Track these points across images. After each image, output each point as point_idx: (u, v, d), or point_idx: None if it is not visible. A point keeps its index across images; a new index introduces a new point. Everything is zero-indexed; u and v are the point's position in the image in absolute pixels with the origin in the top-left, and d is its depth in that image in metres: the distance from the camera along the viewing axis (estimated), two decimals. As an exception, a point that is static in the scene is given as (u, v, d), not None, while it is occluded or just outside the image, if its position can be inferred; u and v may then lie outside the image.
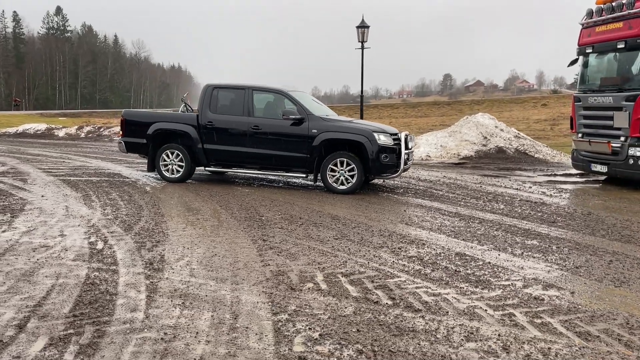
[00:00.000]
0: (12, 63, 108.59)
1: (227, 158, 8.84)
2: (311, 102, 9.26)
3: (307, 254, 4.72)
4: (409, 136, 8.61)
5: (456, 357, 2.84)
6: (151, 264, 4.34)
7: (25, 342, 2.92)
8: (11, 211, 6.22)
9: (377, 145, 8.03)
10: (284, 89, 9.01)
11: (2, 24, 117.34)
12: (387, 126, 9.28)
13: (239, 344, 2.95)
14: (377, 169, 8.15)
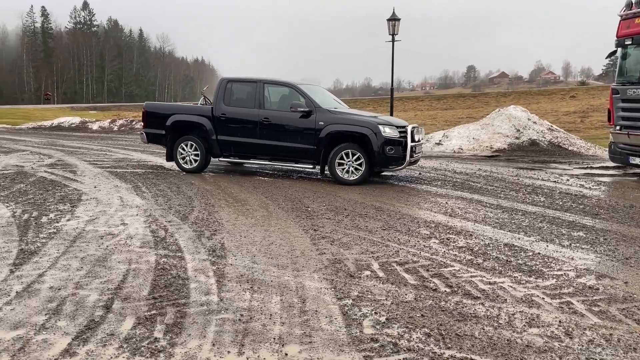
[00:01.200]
0: (41, 57, 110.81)
1: (239, 149, 9.15)
2: (322, 95, 9.48)
3: (359, 244, 4.89)
4: (417, 128, 8.79)
5: (521, 341, 2.98)
6: (214, 251, 4.56)
7: (114, 321, 3.15)
8: (70, 201, 6.52)
9: (382, 137, 8.19)
10: (294, 82, 9.20)
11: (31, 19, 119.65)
12: (395, 119, 9.40)
13: (312, 326, 3.14)
14: (382, 161, 8.31)
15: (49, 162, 10.55)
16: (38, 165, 9.91)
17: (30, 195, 6.91)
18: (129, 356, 2.73)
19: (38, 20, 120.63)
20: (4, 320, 3.10)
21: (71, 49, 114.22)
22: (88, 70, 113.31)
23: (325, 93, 10.03)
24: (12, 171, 9.10)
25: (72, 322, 3.11)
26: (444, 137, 14.46)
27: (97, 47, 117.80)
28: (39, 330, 2.99)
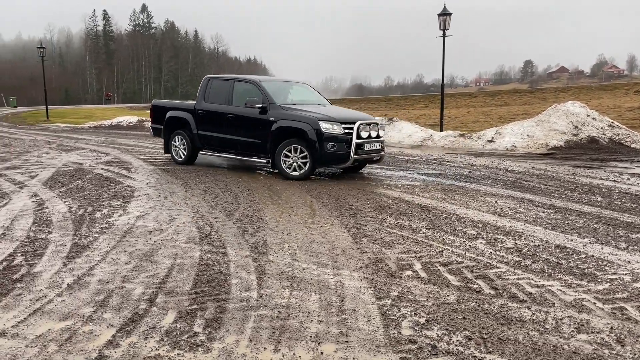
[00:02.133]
0: (103, 59, 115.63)
1: (212, 143, 9.75)
2: (298, 93, 9.83)
3: (402, 243, 4.81)
4: (371, 125, 8.61)
5: (568, 347, 2.84)
6: (256, 247, 4.60)
7: (157, 314, 3.23)
8: (123, 197, 6.76)
9: (321, 133, 8.19)
10: (257, 79, 9.55)
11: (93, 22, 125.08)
12: (357, 114, 9.06)
13: (349, 325, 3.11)
14: (323, 157, 8.31)
15: (106, 159, 11.00)
16: (95, 163, 10.35)
17: (86, 191, 7.21)
18: (169, 349, 2.79)
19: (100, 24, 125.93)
20: (55, 311, 3.24)
21: (131, 50, 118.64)
22: (146, 71, 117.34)
23: (306, 91, 10.23)
24: (71, 168, 9.54)
25: (118, 314, 3.22)
26: (496, 135, 14.04)
27: (155, 49, 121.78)
28: (86, 322, 3.11)
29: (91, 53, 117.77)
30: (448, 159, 11.48)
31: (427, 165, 10.42)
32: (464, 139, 14.54)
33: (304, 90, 10.25)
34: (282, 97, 9.35)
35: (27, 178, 8.37)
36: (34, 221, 5.48)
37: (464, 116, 26.96)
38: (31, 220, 5.54)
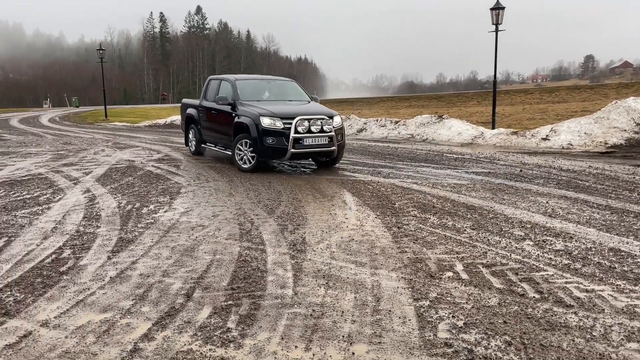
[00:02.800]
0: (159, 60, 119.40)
1: (208, 137, 10.79)
2: (276, 90, 10.43)
3: (444, 243, 4.68)
4: (312, 121, 8.77)
5: (616, 356, 2.67)
6: (294, 245, 4.59)
7: (193, 309, 3.27)
8: (170, 194, 6.93)
9: (261, 127, 8.66)
10: (231, 78, 10.25)
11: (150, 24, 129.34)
12: (303, 110, 9.18)
13: (383, 326, 3.04)
14: (263, 151, 8.74)
15: (157, 157, 11.32)
16: (147, 160, 10.67)
17: (136, 187, 7.44)
18: (201, 344, 2.81)
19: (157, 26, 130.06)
20: (96, 304, 3.34)
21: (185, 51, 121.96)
22: (200, 71, 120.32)
23: (288, 89, 10.71)
24: (123, 165, 9.88)
25: (155, 308, 3.28)
26: (551, 132, 13.49)
27: (209, 49, 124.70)
28: (124, 314, 3.18)
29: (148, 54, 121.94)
30: (499, 157, 11.13)
31: (476, 163, 10.13)
32: (516, 136, 14.06)
33: (286, 88, 10.75)
34: (255, 94, 9.96)
35: (81, 174, 8.72)
36: (84, 216, 5.69)
37: (519, 113, 26.09)
38: (82, 215, 5.75)
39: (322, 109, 9.40)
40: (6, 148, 14.45)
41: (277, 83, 10.93)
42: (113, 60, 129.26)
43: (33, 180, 8.13)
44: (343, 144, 9.51)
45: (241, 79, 10.40)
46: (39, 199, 6.65)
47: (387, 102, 50.17)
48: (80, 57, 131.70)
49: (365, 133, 18.89)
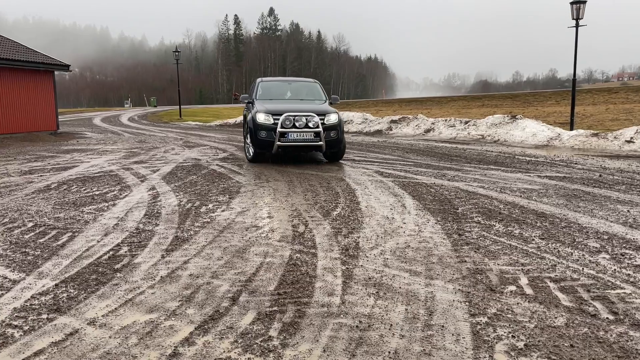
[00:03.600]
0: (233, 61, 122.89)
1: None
2: (295, 90, 11.47)
3: (509, 254, 4.35)
4: (296, 117, 9.59)
5: None
6: (347, 250, 4.44)
7: (237, 314, 3.19)
8: (229, 193, 6.97)
9: (256, 122, 9.71)
10: (258, 80, 11.66)
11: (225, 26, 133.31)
12: (293, 107, 9.98)
13: (434, 343, 2.82)
14: (257, 143, 9.83)
15: (222, 156, 11.52)
16: (212, 159, 10.87)
17: (198, 186, 7.56)
18: (241, 352, 2.72)
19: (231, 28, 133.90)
20: (144, 304, 3.34)
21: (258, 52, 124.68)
22: (271, 72, 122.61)
23: (308, 89, 11.62)
24: (189, 164, 10.12)
25: (200, 310, 3.23)
26: (636, 134, 12.48)
27: (280, 50, 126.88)
28: (169, 316, 3.15)
29: (223, 55, 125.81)
30: (576, 160, 10.41)
31: (551, 167, 9.52)
32: (597, 138, 13.13)
33: (305, 89, 11.67)
34: (277, 94, 11.11)
35: (149, 172, 9.00)
36: (145, 213, 5.82)
37: (601, 114, 24.48)
38: (143, 212, 5.89)
39: (315, 108, 10.08)
40: (86, 145, 15.28)
41: (299, 84, 11.92)
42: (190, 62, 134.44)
43: (104, 177, 8.48)
44: (338, 140, 10.02)
45: (266, 80, 11.74)
46: (107, 195, 6.90)
47: (458, 102, 48.72)
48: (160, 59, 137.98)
49: (432, 133, 18.39)
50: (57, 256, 4.29)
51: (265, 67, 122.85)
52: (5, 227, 5.23)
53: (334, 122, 9.93)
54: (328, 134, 9.80)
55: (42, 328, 2.97)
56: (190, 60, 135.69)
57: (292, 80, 12.12)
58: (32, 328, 2.97)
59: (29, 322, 3.06)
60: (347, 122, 23.08)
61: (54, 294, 3.50)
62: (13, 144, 16.12)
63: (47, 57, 20.44)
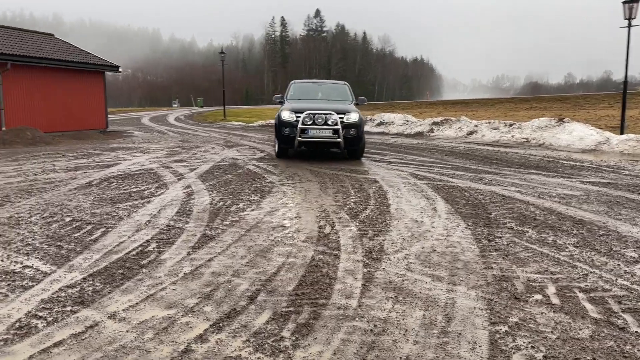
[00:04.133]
0: (279, 63, 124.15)
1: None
2: (326, 92, 12.23)
3: (539, 261, 4.20)
4: (317, 115, 10.18)
5: None
6: (370, 252, 4.39)
7: (253, 313, 3.21)
8: (261, 192, 7.04)
9: (281, 119, 10.44)
10: (294, 81, 12.64)
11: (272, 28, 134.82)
12: (314, 106, 10.65)
13: (448, 351, 2.75)
14: (281, 139, 10.63)
15: (259, 156, 11.65)
16: (249, 159, 11.01)
17: (232, 185, 7.66)
18: (251, 351, 2.73)
19: (278, 29, 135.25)
20: (164, 299, 3.41)
21: (303, 53, 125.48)
22: (316, 73, 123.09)
23: (338, 91, 12.21)
24: (227, 163, 10.28)
25: (217, 308, 3.27)
26: (692, 139, 11.82)
27: (325, 51, 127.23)
28: (186, 313, 3.20)
29: (269, 57, 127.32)
30: (624, 166, 9.97)
31: (596, 172, 9.14)
32: (649, 143, 12.52)
33: (334, 90, 12.34)
34: (308, 94, 11.92)
35: (187, 171, 9.20)
36: (177, 211, 5.94)
37: (657, 117, 23.33)
38: (176, 210, 6.01)
39: (335, 107, 10.60)
40: (131, 144, 15.76)
41: (328, 86, 12.76)
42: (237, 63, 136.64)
43: (143, 175, 8.72)
44: (357, 138, 10.51)
45: (299, 82, 12.68)
46: (143, 192, 7.09)
47: (505, 104, 47.52)
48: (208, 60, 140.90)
49: (475, 136, 18.03)
50: (89, 250, 4.44)
51: (309, 68, 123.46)
52: (45, 221, 5.45)
53: (354, 121, 10.41)
54: (347, 132, 10.34)
55: (65, 320, 3.08)
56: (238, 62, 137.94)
57: (322, 82, 13.10)
58: (55, 319, 3.08)
59: (54, 313, 3.17)
60: (388, 124, 22.92)
61: (81, 287, 3.61)
62: (64, 141, 16.82)
63: (98, 58, 21.23)
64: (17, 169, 9.61)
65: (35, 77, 17.99)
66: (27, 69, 17.59)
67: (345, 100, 11.73)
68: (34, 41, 19.60)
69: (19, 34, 19.80)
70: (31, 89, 17.90)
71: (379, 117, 24.35)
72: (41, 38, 20.68)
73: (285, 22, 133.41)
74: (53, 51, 19.37)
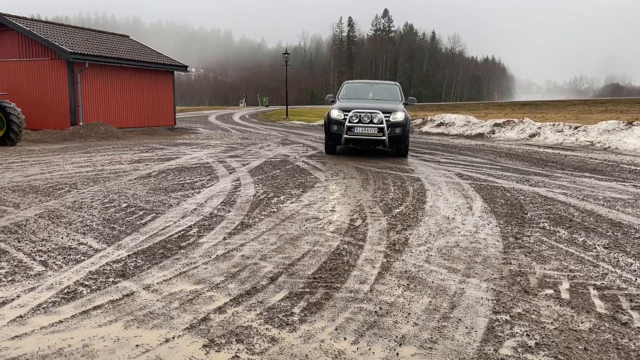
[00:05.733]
0: (345, 63, 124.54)
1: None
2: (375, 92, 12.64)
3: (561, 259, 4.23)
4: (363, 114, 10.66)
5: None
6: (394, 244, 4.58)
7: (271, 291, 3.50)
8: (304, 187, 7.35)
9: (330, 118, 10.96)
10: (346, 81, 13.29)
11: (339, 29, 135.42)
12: (363, 105, 11.10)
13: (444, 333, 2.92)
14: (329, 136, 11.17)
15: (311, 153, 11.99)
16: (300, 156, 11.37)
17: (278, 179, 8.03)
18: (261, 323, 3.02)
19: (345, 30, 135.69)
20: (195, 276, 3.77)
21: (370, 54, 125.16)
22: (382, 73, 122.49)
23: (388, 91, 12.63)
24: (278, 159, 10.69)
25: (239, 286, 3.59)
26: None
27: (392, 52, 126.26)
28: (211, 288, 3.54)
29: (335, 57, 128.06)
30: (689, 171, 9.47)
31: (655, 177, 8.77)
32: None
33: (384, 90, 12.77)
34: (359, 94, 12.35)
35: (239, 165, 9.68)
36: (222, 201, 6.36)
37: None
38: (221, 200, 6.43)
39: (382, 106, 10.99)
40: (194, 140, 16.59)
41: (379, 86, 13.19)
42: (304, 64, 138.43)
43: (198, 168, 9.28)
44: (402, 136, 10.89)
45: (351, 82, 13.31)
46: (196, 184, 7.60)
47: (578, 106, 45.38)
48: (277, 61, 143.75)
49: (537, 138, 17.54)
50: (137, 232, 4.91)
51: (376, 68, 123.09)
52: (104, 206, 6.02)
53: (399, 120, 10.82)
54: (393, 130, 10.76)
55: (106, 289, 3.50)
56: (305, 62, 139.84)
57: (373, 83, 13.56)
58: (98, 288, 3.51)
59: (98, 283, 3.61)
60: (448, 125, 22.65)
61: (125, 262, 4.05)
62: (134, 136, 17.96)
63: (168, 58, 22.41)
64: (87, 160, 10.47)
65: (110, 76, 19.29)
66: (103, 69, 18.90)
67: (394, 99, 12.17)
68: (111, 42, 21.00)
69: (97, 36, 21.29)
70: (106, 87, 19.21)
71: (439, 117, 24.10)
72: (117, 39, 22.11)
73: (353, 23, 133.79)
74: (127, 52, 20.68)
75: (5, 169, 9.04)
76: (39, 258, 4.11)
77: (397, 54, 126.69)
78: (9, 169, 8.99)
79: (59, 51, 17.29)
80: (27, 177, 8.07)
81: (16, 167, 9.24)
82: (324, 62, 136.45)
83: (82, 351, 2.65)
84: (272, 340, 2.82)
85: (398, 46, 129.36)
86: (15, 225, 5.10)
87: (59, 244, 4.49)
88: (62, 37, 18.68)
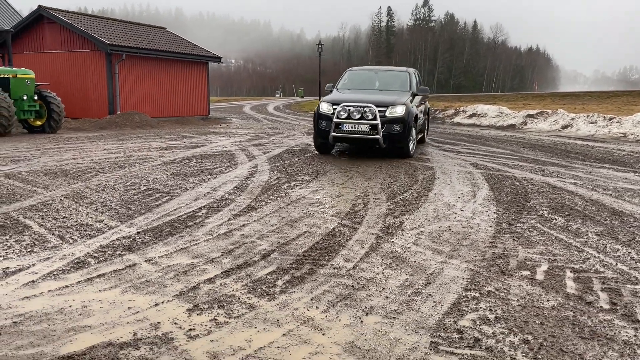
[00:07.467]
0: (384, 53, 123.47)
1: None
2: (383, 80, 10.97)
3: (548, 244, 4.35)
4: (353, 108, 9.22)
5: (637, 379, 2.36)
6: (388, 228, 4.78)
7: (260, 267, 3.78)
8: (316, 174, 7.60)
9: (319, 112, 9.66)
10: (348, 69, 11.75)
11: (378, 19, 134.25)
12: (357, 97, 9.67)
13: (411, 306, 3.13)
14: (317, 132, 9.81)
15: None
16: (322, 145, 11.62)
17: (293, 167, 8.31)
18: (245, 292, 3.30)
19: (384, 20, 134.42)
20: (193, 252, 4.09)
21: (409, 44, 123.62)
22: (421, 64, 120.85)
23: (398, 79, 10.89)
24: (299, 148, 10.97)
25: (233, 261, 3.88)
26: None
27: (432, 41, 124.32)
28: (206, 262, 3.85)
29: (374, 48, 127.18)
30: None
31: (678, 168, 8.61)
32: None
33: (391, 78, 11.03)
34: (363, 84, 10.90)
35: (260, 153, 10.01)
36: (235, 186, 6.68)
37: None
38: (234, 185, 6.76)
39: (377, 98, 9.55)
40: (224, 129, 17.05)
41: (386, 74, 11.44)
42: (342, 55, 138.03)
43: (220, 156, 9.66)
44: (402, 135, 9.31)
45: (354, 69, 11.76)
46: (214, 170, 7.96)
47: (622, 97, 43.68)
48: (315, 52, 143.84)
49: (569, 130, 17.23)
50: (150, 213, 5.28)
51: (415, 59, 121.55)
52: (125, 189, 6.44)
53: (399, 115, 9.19)
54: (389, 128, 9.17)
55: (112, 260, 3.86)
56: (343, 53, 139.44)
57: (380, 70, 11.80)
58: (105, 259, 3.87)
59: (105, 255, 3.97)
60: (480, 116, 22.41)
61: (133, 238, 4.41)
62: (167, 125, 18.58)
63: (202, 49, 22.98)
64: (118, 147, 11.02)
65: (146, 66, 19.97)
66: (140, 60, 19.59)
67: (403, 90, 10.37)
68: (148, 34, 21.69)
69: (135, 28, 22.02)
70: (142, 78, 19.90)
71: (472, 108, 23.85)
72: (154, 31, 22.81)
73: (392, 12, 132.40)
74: (163, 43, 21.33)
75: (42, 154, 9.65)
76: (57, 233, 4.52)
77: (437, 44, 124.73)
78: (45, 154, 9.60)
79: (98, 43, 18.04)
80: (60, 162, 8.62)
81: (52, 153, 9.84)
82: (363, 52, 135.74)
83: (81, 311, 2.99)
84: (250, 307, 3.10)
85: (438, 36, 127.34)
86: (41, 204, 5.55)
87: (77, 221, 4.90)
88: (102, 29, 19.45)
